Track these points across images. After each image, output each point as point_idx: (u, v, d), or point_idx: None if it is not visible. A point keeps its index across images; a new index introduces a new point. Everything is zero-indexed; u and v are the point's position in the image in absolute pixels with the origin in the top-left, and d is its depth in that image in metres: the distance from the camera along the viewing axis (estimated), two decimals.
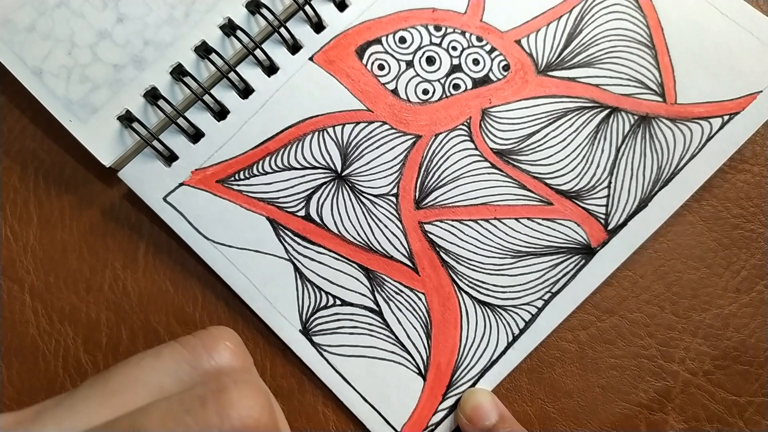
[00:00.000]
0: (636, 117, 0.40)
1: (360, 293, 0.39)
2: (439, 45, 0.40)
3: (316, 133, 0.39)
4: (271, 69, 0.40)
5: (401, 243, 0.39)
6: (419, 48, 0.40)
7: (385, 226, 0.39)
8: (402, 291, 0.39)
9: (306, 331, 0.38)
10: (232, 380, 0.25)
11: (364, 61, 0.40)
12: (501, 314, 0.39)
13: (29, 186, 0.40)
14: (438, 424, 0.38)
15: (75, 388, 0.25)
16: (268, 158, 0.39)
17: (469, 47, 0.41)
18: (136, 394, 0.24)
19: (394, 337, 0.38)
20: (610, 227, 0.39)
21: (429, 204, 0.39)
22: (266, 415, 0.24)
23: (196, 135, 0.39)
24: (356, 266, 0.39)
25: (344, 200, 0.39)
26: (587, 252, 0.39)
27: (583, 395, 0.39)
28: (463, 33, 0.41)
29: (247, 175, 0.39)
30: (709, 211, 0.40)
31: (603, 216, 0.39)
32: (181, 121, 0.38)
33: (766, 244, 0.40)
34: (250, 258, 0.39)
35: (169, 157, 0.39)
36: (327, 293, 0.39)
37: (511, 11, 0.41)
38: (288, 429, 0.29)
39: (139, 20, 0.39)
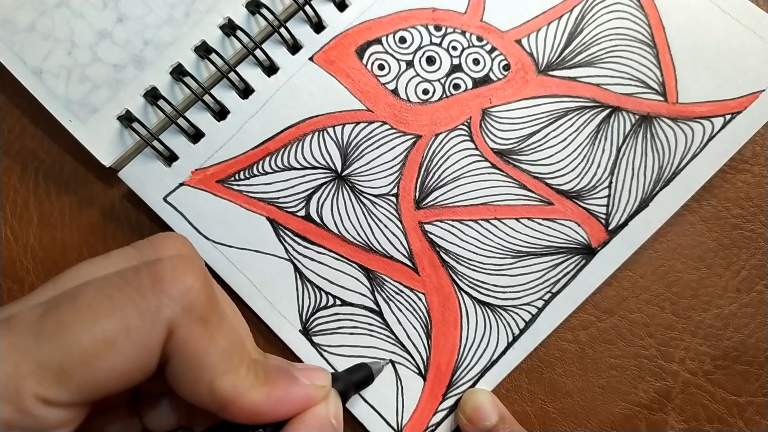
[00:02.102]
0: (637, 116, 0.40)
1: (360, 293, 0.39)
2: (440, 45, 0.40)
3: (316, 133, 0.39)
4: (271, 69, 0.40)
5: (401, 243, 0.39)
6: (419, 48, 0.40)
7: (385, 226, 0.39)
8: (402, 291, 0.39)
9: (306, 331, 0.38)
10: (168, 257, 0.26)
11: (364, 61, 0.40)
12: (501, 314, 0.39)
13: (29, 186, 0.40)
14: (438, 424, 0.38)
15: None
16: (268, 158, 0.39)
17: (469, 47, 0.40)
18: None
19: (394, 337, 0.38)
20: (610, 227, 0.39)
21: (429, 204, 0.39)
22: (200, 281, 0.25)
23: (196, 135, 0.39)
24: (356, 266, 0.39)
25: (344, 200, 0.39)
26: (588, 252, 0.39)
27: (583, 395, 0.39)
28: (463, 33, 0.41)
29: (247, 175, 0.39)
30: (709, 211, 0.40)
31: (603, 216, 0.39)
32: (181, 121, 0.38)
33: (766, 244, 0.40)
34: (250, 258, 0.39)
35: (169, 157, 0.39)
36: (327, 293, 0.39)
37: (511, 11, 0.41)
38: (235, 309, 0.30)
39: (139, 20, 0.39)
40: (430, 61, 0.40)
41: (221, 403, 0.26)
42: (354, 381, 0.35)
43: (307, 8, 0.39)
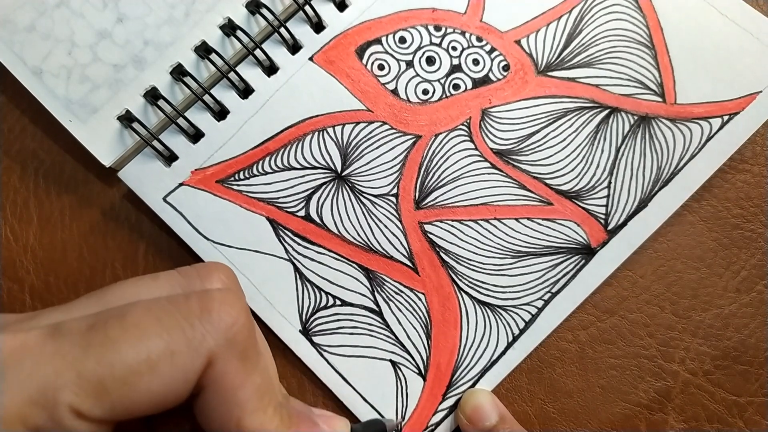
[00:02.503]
0: (636, 117, 0.40)
1: (360, 293, 0.39)
2: (439, 45, 0.40)
3: (316, 133, 0.39)
4: (271, 69, 0.40)
5: (401, 243, 0.39)
6: (419, 48, 0.40)
7: (385, 226, 0.39)
8: (402, 291, 0.39)
9: (306, 332, 0.38)
10: (217, 289, 0.27)
11: (364, 61, 0.40)
12: (501, 314, 0.39)
13: (29, 186, 0.40)
14: (438, 424, 0.38)
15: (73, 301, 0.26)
16: (268, 158, 0.39)
17: (469, 47, 0.41)
18: None
19: (394, 338, 0.38)
20: (610, 227, 0.39)
21: (429, 204, 0.39)
22: (244, 316, 0.26)
23: (196, 135, 0.39)
24: (356, 266, 0.39)
25: (344, 200, 0.39)
26: (587, 252, 0.39)
27: (583, 395, 0.39)
28: (463, 33, 0.41)
29: (247, 175, 0.39)
30: (709, 211, 0.40)
31: (603, 216, 0.39)
32: (181, 121, 0.38)
33: (766, 244, 0.40)
34: (250, 258, 0.39)
35: (169, 157, 0.39)
36: (327, 293, 0.39)
37: (511, 11, 0.41)
38: (268, 350, 0.31)
39: (139, 20, 0.39)
40: (430, 61, 0.40)
41: None
42: None
43: (307, 8, 0.39)
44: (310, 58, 0.40)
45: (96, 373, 0.22)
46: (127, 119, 0.38)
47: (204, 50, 0.39)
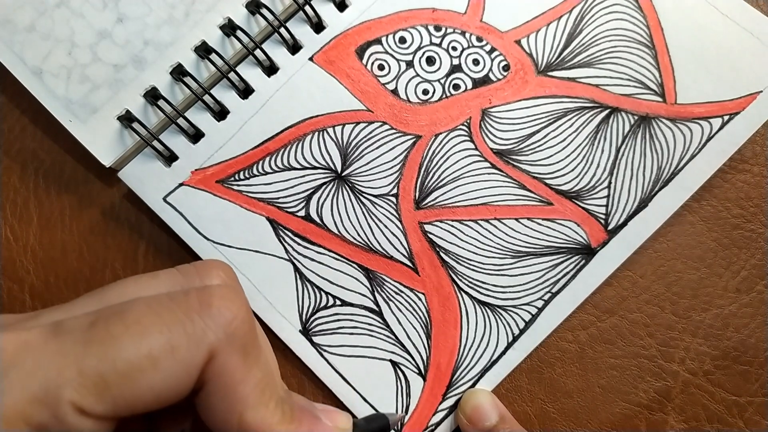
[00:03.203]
0: (636, 117, 0.40)
1: (360, 293, 0.39)
2: (439, 45, 0.40)
3: (316, 133, 0.39)
4: (271, 69, 0.40)
5: (401, 243, 0.39)
6: (419, 48, 0.40)
7: (385, 226, 0.39)
8: (402, 291, 0.39)
9: (306, 332, 0.38)
10: (217, 285, 0.27)
11: (364, 61, 0.40)
12: (501, 314, 0.39)
13: (29, 186, 0.40)
14: (438, 424, 0.38)
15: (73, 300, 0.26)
16: (268, 158, 0.39)
17: (469, 47, 0.41)
18: None
19: (394, 338, 0.38)
20: (610, 227, 0.39)
21: (429, 204, 0.39)
22: (244, 312, 0.26)
23: (196, 135, 0.39)
24: (356, 266, 0.39)
25: (344, 200, 0.39)
26: (587, 252, 0.39)
27: (583, 395, 0.39)
28: (463, 33, 0.41)
29: (247, 176, 0.39)
30: (709, 211, 0.40)
31: (603, 216, 0.39)
32: (181, 121, 0.38)
33: (766, 244, 0.40)
34: (250, 258, 0.39)
35: (169, 157, 0.39)
36: (327, 293, 0.39)
37: (511, 11, 0.41)
38: (268, 345, 0.31)
39: (139, 20, 0.39)
40: (430, 61, 0.40)
41: None
42: (371, 429, 0.35)
43: (307, 8, 0.39)
44: (310, 58, 0.40)
45: (98, 369, 0.22)
46: (127, 119, 0.38)
47: (204, 50, 0.39)
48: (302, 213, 0.39)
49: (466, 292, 0.39)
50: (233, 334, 0.25)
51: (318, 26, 0.40)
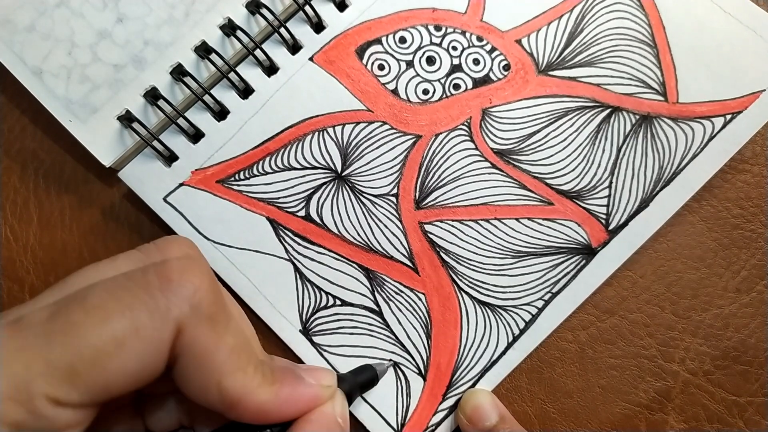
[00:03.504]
0: (637, 116, 0.40)
1: (360, 293, 0.39)
2: (440, 45, 0.40)
3: (316, 133, 0.39)
4: (271, 69, 0.40)
5: (401, 243, 0.39)
6: (419, 48, 0.40)
7: (385, 226, 0.39)
8: (402, 291, 0.39)
9: (306, 332, 0.38)
10: (175, 258, 0.26)
11: (364, 61, 0.40)
12: (501, 314, 0.39)
13: (29, 186, 0.40)
14: (438, 424, 0.38)
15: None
16: (268, 158, 0.39)
17: (469, 47, 0.40)
18: None
19: (394, 338, 0.38)
20: (610, 227, 0.39)
21: (429, 204, 0.39)
22: (207, 282, 0.26)
23: (196, 135, 0.39)
24: (356, 266, 0.39)
25: (344, 200, 0.39)
26: (588, 252, 0.39)
27: (583, 395, 0.39)
28: (463, 33, 0.40)
29: (247, 176, 0.39)
30: (709, 211, 0.40)
31: (604, 216, 0.39)
32: (181, 121, 0.38)
33: (766, 244, 0.40)
34: (250, 258, 0.39)
35: (169, 158, 0.39)
36: (327, 293, 0.39)
37: (511, 11, 0.41)
38: (240, 311, 0.30)
39: (139, 20, 0.39)
40: (430, 61, 0.40)
41: (229, 403, 0.26)
42: (359, 382, 0.35)
43: (307, 8, 0.39)
44: (310, 58, 0.40)
45: (64, 359, 0.22)
46: (127, 119, 0.38)
47: (204, 50, 0.39)
48: (302, 213, 0.39)
49: (467, 292, 0.39)
50: (198, 305, 0.25)
51: (318, 26, 0.40)
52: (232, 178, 0.39)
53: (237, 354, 0.26)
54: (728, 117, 0.40)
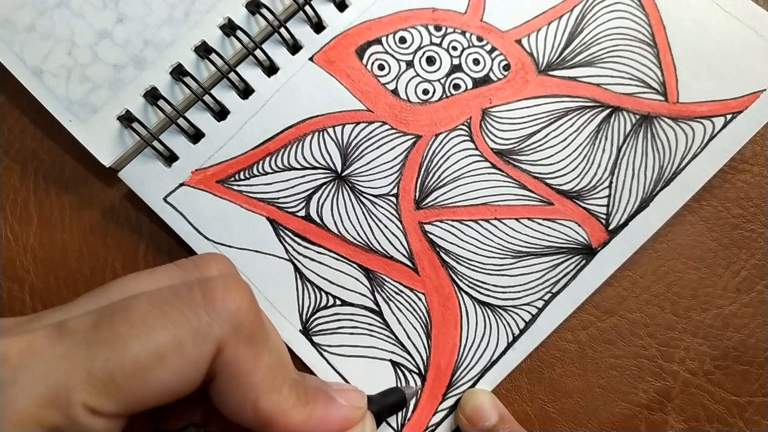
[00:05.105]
0: (637, 116, 0.40)
1: (360, 293, 0.39)
2: (440, 45, 0.40)
3: (316, 133, 0.39)
4: (271, 69, 0.40)
5: (401, 243, 0.39)
6: (419, 48, 0.40)
7: (385, 227, 0.39)
8: (402, 291, 0.39)
9: (306, 331, 0.38)
10: (218, 276, 0.27)
11: (364, 61, 0.40)
12: (501, 314, 0.39)
13: (29, 186, 0.40)
14: (438, 424, 0.38)
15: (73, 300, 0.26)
16: (268, 158, 0.39)
17: (469, 47, 0.40)
18: None
19: (394, 338, 0.38)
20: (611, 227, 0.39)
21: (429, 204, 0.39)
22: (247, 301, 0.26)
23: (196, 135, 0.39)
24: (356, 266, 0.39)
25: (344, 200, 0.39)
26: (588, 252, 0.39)
27: (583, 395, 0.39)
28: (463, 33, 0.40)
29: (247, 176, 0.39)
30: (709, 211, 0.40)
31: (604, 216, 0.39)
32: (181, 121, 0.38)
33: (766, 244, 0.40)
34: (250, 258, 0.39)
35: (170, 158, 0.39)
36: (327, 293, 0.39)
37: (511, 11, 0.41)
38: (275, 330, 0.31)
39: (139, 20, 0.39)
40: (430, 61, 0.40)
41: (264, 422, 0.26)
42: (388, 404, 0.35)
43: (307, 8, 0.39)
44: (310, 58, 0.40)
45: (106, 370, 0.23)
46: (127, 119, 0.38)
47: (204, 50, 0.39)
48: (302, 213, 0.39)
49: (467, 292, 0.39)
50: (239, 324, 0.25)
51: (318, 26, 0.40)
52: (232, 178, 0.39)
53: (273, 374, 0.27)
54: (729, 117, 0.40)
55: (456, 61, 0.40)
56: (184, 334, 0.24)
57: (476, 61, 0.40)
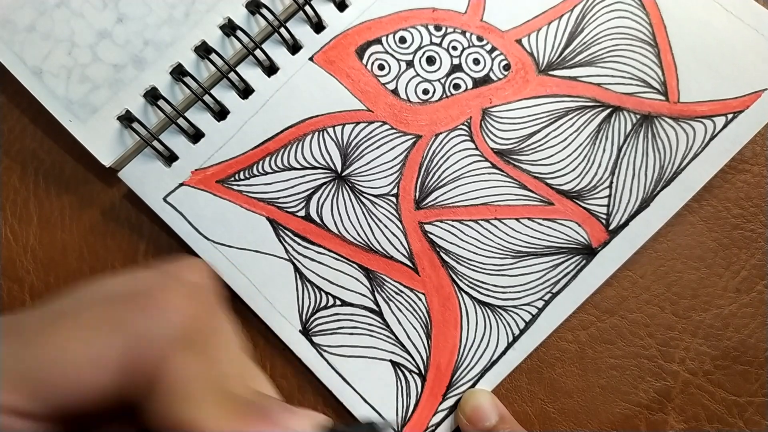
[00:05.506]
0: (638, 116, 0.40)
1: (360, 293, 0.39)
2: (440, 45, 0.40)
3: (316, 133, 0.39)
4: (271, 69, 0.40)
5: (401, 243, 0.39)
6: (419, 48, 0.40)
7: (385, 227, 0.39)
8: (402, 291, 0.39)
9: (306, 332, 0.38)
10: (173, 282, 0.26)
11: (364, 61, 0.40)
12: (501, 314, 0.39)
13: (29, 186, 0.40)
14: (438, 424, 0.38)
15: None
16: (268, 158, 0.39)
17: (469, 47, 0.40)
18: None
19: (394, 338, 0.38)
20: (611, 227, 0.39)
21: (429, 204, 0.39)
22: (192, 311, 0.25)
23: (196, 135, 0.39)
24: (356, 266, 0.39)
25: (344, 200, 0.39)
26: (588, 252, 0.39)
27: (583, 395, 0.39)
28: (463, 33, 0.40)
29: (247, 176, 0.39)
30: (709, 211, 0.40)
31: (604, 216, 0.39)
32: (181, 121, 0.38)
33: (766, 244, 0.40)
34: (250, 258, 0.39)
35: (169, 158, 0.39)
36: (327, 293, 0.39)
37: (511, 10, 0.41)
38: (231, 342, 0.29)
39: (139, 20, 0.39)
40: (430, 61, 0.40)
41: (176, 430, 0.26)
42: None
43: (307, 8, 0.39)
44: (310, 58, 0.40)
45: (33, 371, 0.23)
46: (127, 119, 0.38)
47: (204, 50, 0.39)
48: (302, 213, 0.39)
49: (467, 292, 0.39)
50: (176, 333, 0.25)
51: (318, 26, 0.40)
52: (232, 178, 0.39)
53: (206, 388, 0.25)
54: (729, 116, 0.39)
55: (456, 61, 0.40)
56: (115, 340, 0.24)
57: (476, 61, 0.40)
